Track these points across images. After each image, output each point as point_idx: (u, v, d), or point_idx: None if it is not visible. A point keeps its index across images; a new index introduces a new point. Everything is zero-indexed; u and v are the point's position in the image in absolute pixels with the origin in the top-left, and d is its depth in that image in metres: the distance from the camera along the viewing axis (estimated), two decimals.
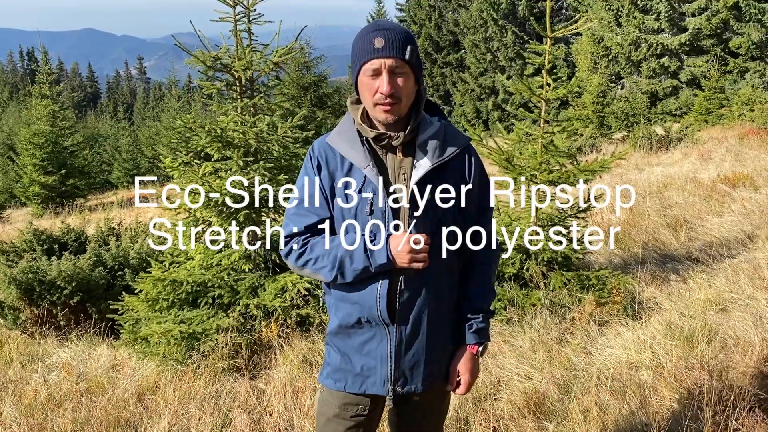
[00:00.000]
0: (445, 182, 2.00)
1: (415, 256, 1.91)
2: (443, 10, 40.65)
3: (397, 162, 2.00)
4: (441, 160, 1.98)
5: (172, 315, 4.66)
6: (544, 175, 4.67)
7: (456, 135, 2.06)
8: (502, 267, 4.78)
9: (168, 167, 4.85)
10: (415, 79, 1.95)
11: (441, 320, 2.08)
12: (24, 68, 79.32)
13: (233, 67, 4.57)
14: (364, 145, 1.99)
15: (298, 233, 2.06)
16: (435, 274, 2.02)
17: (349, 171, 2.00)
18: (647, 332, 4.07)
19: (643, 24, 27.30)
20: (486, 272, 2.14)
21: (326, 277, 2.01)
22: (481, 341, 2.12)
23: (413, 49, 1.91)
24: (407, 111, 1.98)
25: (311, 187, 2.06)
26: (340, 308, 2.08)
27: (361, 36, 1.94)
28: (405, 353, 2.03)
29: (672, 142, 14.44)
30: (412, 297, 2.00)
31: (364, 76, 1.92)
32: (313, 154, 2.07)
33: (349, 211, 2.00)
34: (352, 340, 2.08)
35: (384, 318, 1.99)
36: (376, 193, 1.95)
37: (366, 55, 1.90)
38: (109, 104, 67.85)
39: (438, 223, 1.99)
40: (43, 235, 6.25)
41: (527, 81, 4.70)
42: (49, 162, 19.76)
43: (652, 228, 6.76)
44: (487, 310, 2.13)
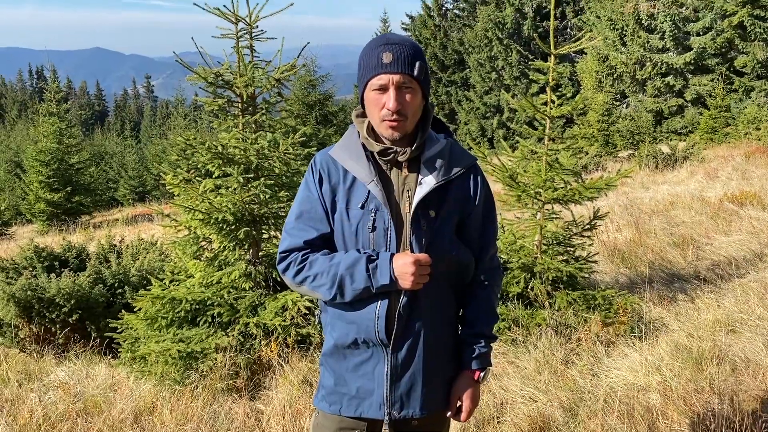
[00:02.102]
0: (450, 201, 1.94)
1: (419, 277, 1.84)
2: (448, 29, 40.88)
3: (401, 178, 1.93)
4: (446, 178, 1.92)
5: (170, 333, 4.59)
6: (549, 193, 4.61)
7: (462, 154, 2.00)
8: (507, 286, 4.70)
9: (169, 184, 4.81)
10: (422, 95, 1.90)
11: (440, 343, 2.00)
12: (33, 86, 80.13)
13: (235, 84, 4.54)
14: (369, 160, 1.92)
15: (297, 248, 1.98)
16: (436, 295, 1.96)
17: (351, 185, 1.94)
18: (655, 354, 3.97)
19: (647, 43, 27.36)
20: (488, 294, 2.07)
21: (325, 295, 1.94)
22: (483, 366, 2.05)
23: (422, 65, 1.86)
24: (414, 127, 1.92)
25: (312, 200, 1.99)
26: (336, 327, 2.01)
27: (370, 49, 1.88)
28: (401, 376, 1.96)
29: (678, 161, 14.37)
30: (412, 318, 1.93)
31: (371, 90, 1.86)
32: (314, 166, 2.00)
33: (351, 227, 1.93)
34: (348, 361, 2.00)
35: (382, 339, 1.91)
36: (380, 209, 1.89)
37: (373, 70, 1.85)
38: (116, 122, 68.34)
39: (441, 243, 1.93)
40: (43, 252, 6.21)
41: (531, 98, 4.65)
42: (55, 179, 19.85)
43: (658, 247, 6.67)
44: (489, 335, 2.05)
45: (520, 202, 4.78)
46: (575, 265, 4.70)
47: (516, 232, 4.91)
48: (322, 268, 1.92)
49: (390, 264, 1.85)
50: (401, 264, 1.84)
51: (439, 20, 41.19)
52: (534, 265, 4.66)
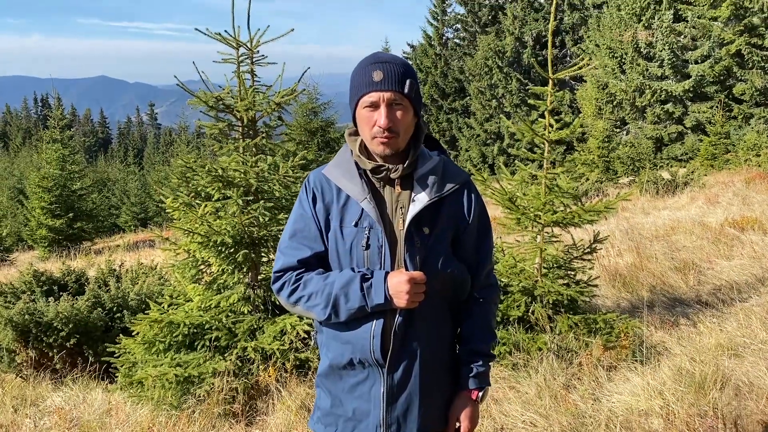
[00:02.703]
0: (444, 218, 1.93)
1: (414, 296, 1.82)
2: (449, 58, 41.32)
3: (394, 195, 1.93)
4: (439, 195, 1.91)
5: (168, 358, 4.55)
6: (548, 216, 4.60)
7: (455, 171, 2.00)
8: (507, 310, 4.67)
9: (169, 207, 4.82)
10: (414, 112, 1.90)
11: (437, 363, 1.97)
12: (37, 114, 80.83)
13: (235, 108, 4.58)
14: (362, 178, 1.92)
15: (291, 267, 1.97)
16: (432, 314, 1.93)
17: (345, 203, 1.93)
18: (657, 378, 3.93)
19: (646, 71, 27.58)
20: (485, 312, 2.05)
21: (319, 315, 1.92)
22: (482, 386, 2.01)
23: (412, 83, 1.87)
24: (406, 144, 1.93)
25: (305, 219, 1.98)
26: (332, 348, 1.98)
27: (360, 68, 1.90)
28: (398, 397, 1.93)
29: (678, 187, 14.38)
30: (408, 337, 1.90)
31: (362, 108, 1.87)
32: (308, 185, 2.00)
33: (345, 245, 1.92)
34: (344, 382, 1.98)
35: (378, 359, 1.89)
36: (373, 227, 1.88)
37: (364, 88, 1.86)
38: (119, 149, 68.78)
39: (435, 260, 1.91)
40: (42, 276, 6.19)
41: (529, 122, 4.68)
42: (58, 205, 19.88)
43: (659, 271, 6.64)
44: (487, 353, 2.03)
45: (519, 225, 4.77)
46: (576, 289, 4.68)
47: (516, 256, 4.89)
48: (317, 287, 1.91)
49: (385, 283, 1.84)
50: (396, 282, 1.82)
51: (439, 49, 41.64)
52: (534, 288, 4.64)
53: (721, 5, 24.30)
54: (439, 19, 41.84)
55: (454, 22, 42.02)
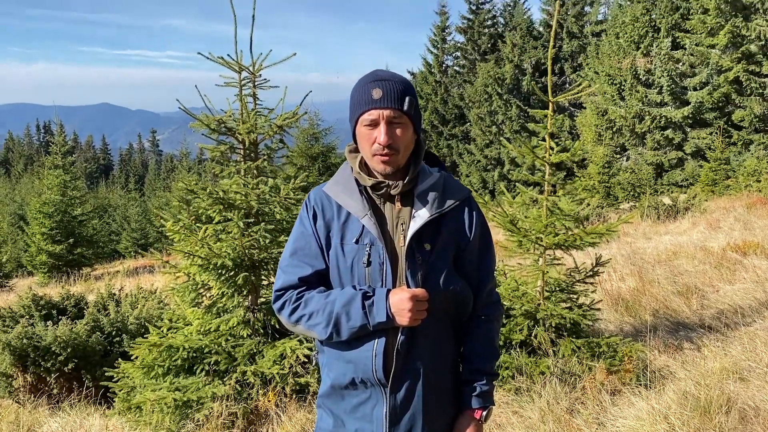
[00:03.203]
0: (445, 234, 1.92)
1: (416, 313, 1.80)
2: (449, 85, 41.68)
3: (395, 212, 1.92)
4: (440, 211, 1.90)
5: (167, 382, 4.50)
6: (550, 238, 4.59)
7: (456, 186, 2.00)
8: (510, 333, 4.63)
9: (169, 231, 4.81)
10: (413, 129, 1.90)
11: (441, 382, 1.94)
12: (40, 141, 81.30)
13: (237, 131, 4.59)
14: (362, 194, 1.92)
15: (292, 285, 1.95)
16: (435, 332, 1.91)
17: (346, 220, 1.92)
18: (662, 402, 3.87)
19: (645, 97, 27.80)
20: (488, 330, 2.02)
21: (321, 334, 1.89)
22: (485, 405, 1.98)
23: (411, 100, 1.87)
24: (406, 161, 1.92)
25: (306, 236, 1.97)
26: (334, 367, 1.95)
27: (360, 86, 1.90)
28: (401, 417, 1.90)
29: (679, 212, 14.37)
30: (411, 356, 1.88)
31: (362, 126, 1.87)
32: (308, 203, 2.00)
33: (346, 262, 1.90)
34: (345, 402, 1.94)
35: (380, 378, 1.86)
36: (374, 244, 1.87)
37: (364, 105, 1.86)
38: (120, 175, 69.04)
39: (437, 277, 1.89)
40: (41, 301, 6.16)
41: (530, 144, 4.69)
42: (58, 231, 19.85)
43: (662, 296, 6.60)
44: (489, 371, 1.99)
45: (521, 247, 4.75)
46: (578, 312, 4.64)
47: (518, 279, 4.86)
48: (318, 306, 1.88)
49: (386, 300, 1.81)
50: (398, 300, 1.80)
51: (439, 76, 42.03)
52: (537, 311, 4.60)
53: (719, 33, 24.56)
54: (439, 47, 42.29)
55: (454, 50, 42.48)
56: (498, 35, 40.55)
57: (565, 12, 35.93)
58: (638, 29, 28.02)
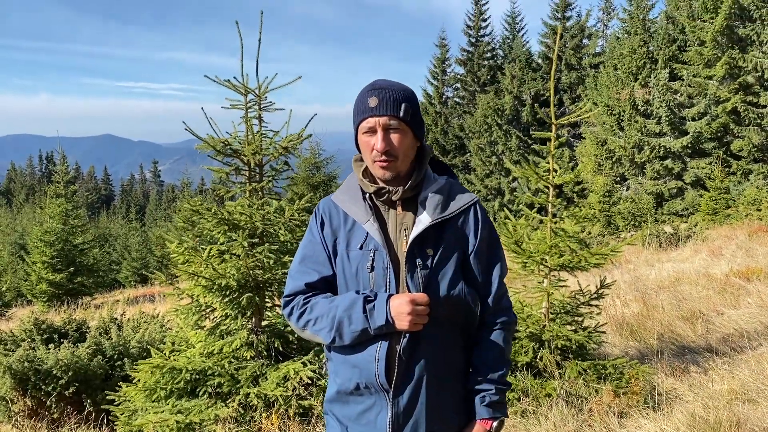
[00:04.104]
0: (449, 239, 1.92)
1: (416, 318, 1.80)
2: (449, 116, 42.04)
3: (399, 218, 1.94)
4: (443, 216, 1.92)
5: (169, 405, 4.46)
6: (555, 259, 4.58)
7: (462, 192, 2.01)
8: (515, 356, 4.60)
9: (173, 252, 4.81)
10: (414, 135, 1.93)
11: (447, 391, 1.92)
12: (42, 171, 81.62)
13: (242, 152, 4.63)
14: (365, 201, 1.95)
15: (300, 291, 1.98)
16: (439, 339, 1.90)
17: (352, 227, 1.96)
18: (671, 424, 3.83)
19: (644, 128, 28.00)
20: (496, 338, 1.99)
21: (325, 338, 1.91)
22: (496, 416, 1.94)
23: (408, 107, 1.89)
24: (408, 167, 1.95)
25: (314, 244, 2.01)
26: (340, 373, 1.96)
27: (360, 95, 1.95)
28: (404, 425, 1.88)
29: (681, 240, 14.37)
30: (413, 362, 1.87)
31: (362, 133, 1.93)
32: (317, 211, 2.04)
33: (351, 268, 1.92)
34: (351, 408, 1.94)
35: (382, 383, 1.85)
36: (378, 249, 1.89)
37: (362, 114, 1.91)
38: (122, 206, 69.15)
39: (440, 282, 1.89)
40: (43, 325, 6.12)
41: (533, 166, 4.72)
42: (59, 260, 19.82)
43: (667, 320, 6.56)
44: (499, 381, 1.96)
45: (526, 269, 4.74)
46: (584, 335, 4.62)
47: (523, 301, 4.85)
48: (322, 311, 1.91)
49: (387, 305, 1.82)
50: (397, 304, 1.81)
51: (440, 107, 42.42)
52: (542, 333, 4.58)
53: (716, 65, 24.85)
54: (439, 79, 42.77)
55: (454, 81, 42.95)
56: (497, 67, 41.04)
57: (564, 44, 36.41)
58: (636, 61, 28.36)
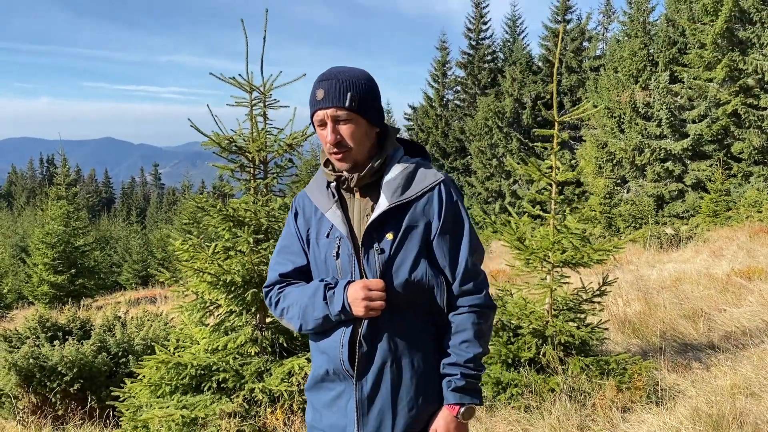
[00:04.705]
0: (410, 223, 1.89)
1: (369, 303, 1.80)
2: (449, 118, 42.10)
3: (362, 204, 1.94)
4: (402, 199, 1.88)
5: (174, 400, 4.48)
6: (557, 255, 4.61)
7: (427, 174, 1.94)
8: (518, 351, 4.62)
9: (178, 249, 4.83)
10: (368, 122, 1.90)
11: (413, 377, 1.90)
12: (43, 174, 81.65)
13: (247, 149, 4.66)
14: (328, 189, 1.98)
15: (276, 282, 2.03)
16: (401, 325, 1.89)
17: (321, 217, 1.99)
18: (673, 418, 3.85)
19: (645, 130, 28.03)
20: (464, 321, 1.91)
21: (295, 325, 1.95)
22: (463, 402, 1.89)
23: (354, 95, 1.85)
24: (367, 154, 1.93)
25: (290, 235, 2.06)
26: (314, 360, 2.00)
27: (313, 86, 1.93)
28: (369, 411, 1.89)
29: (682, 241, 14.39)
30: (375, 348, 1.88)
31: (317, 126, 1.93)
32: (293, 204, 2.10)
33: (321, 256, 1.96)
34: (323, 395, 1.98)
35: (347, 369, 1.88)
36: (343, 237, 1.91)
37: (312, 107, 1.91)
38: (122, 209, 69.12)
39: (399, 267, 1.87)
40: (48, 323, 6.15)
41: (536, 163, 4.75)
42: (60, 261, 19.86)
43: (669, 319, 6.58)
44: (465, 365, 1.89)
45: (529, 266, 4.77)
46: (586, 330, 4.64)
47: (526, 297, 4.87)
48: (293, 299, 1.96)
49: (344, 291, 1.85)
50: (352, 291, 1.83)
51: (440, 110, 42.48)
52: (545, 329, 4.60)
53: (716, 67, 24.91)
54: (440, 82, 42.84)
55: (454, 84, 43.03)
56: (498, 70, 41.12)
57: (564, 47, 36.48)
58: (636, 63, 28.43)
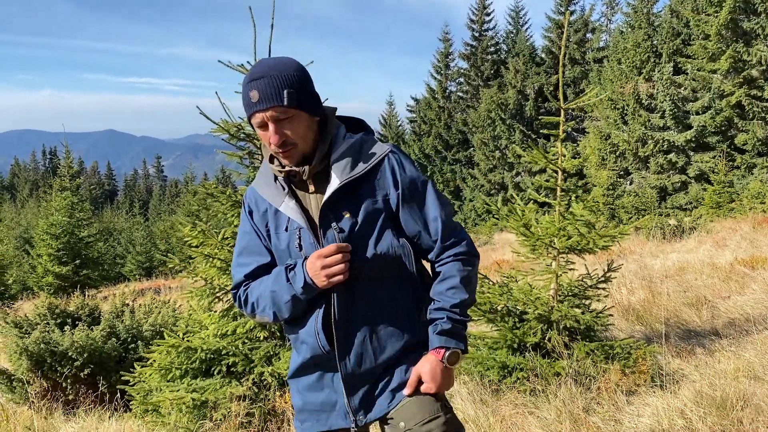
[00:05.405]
0: (367, 198, 1.89)
1: (328, 270, 1.80)
2: (452, 110, 42.08)
3: (317, 196, 1.93)
4: (352, 175, 1.86)
5: (184, 384, 4.54)
6: (563, 241, 4.65)
7: (373, 147, 1.93)
8: (524, 336, 4.67)
9: (187, 236, 4.88)
10: (308, 114, 1.86)
11: (395, 344, 1.94)
12: (45, 166, 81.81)
13: (255, 136, 4.69)
14: (277, 182, 1.95)
15: (240, 283, 2.03)
16: (374, 297, 1.91)
17: (276, 211, 1.96)
18: (677, 401, 3.90)
19: (648, 122, 28.04)
20: (449, 269, 1.94)
21: (270, 316, 1.95)
22: (447, 345, 1.89)
23: (291, 92, 1.79)
24: (312, 143, 1.90)
25: (248, 234, 2.03)
26: (294, 350, 2.04)
27: (243, 87, 1.86)
28: (356, 384, 1.94)
29: (685, 232, 14.43)
30: (349, 329, 1.90)
31: (255, 128, 1.88)
32: (245, 201, 2.05)
33: (285, 250, 1.95)
34: (305, 379, 2.01)
35: (328, 352, 1.90)
36: (302, 228, 1.90)
37: (248, 109, 1.84)
38: (125, 201, 69.31)
39: (361, 243, 1.87)
40: (57, 309, 6.22)
41: (542, 149, 4.78)
42: (65, 252, 19.97)
43: (672, 306, 6.63)
44: (451, 310, 1.90)
45: (534, 252, 4.81)
46: (591, 315, 4.69)
47: (532, 283, 4.92)
48: (259, 291, 1.96)
49: (303, 267, 1.85)
50: (309, 263, 1.84)
51: (443, 102, 42.46)
52: (551, 313, 4.65)
53: (720, 58, 24.88)
54: (443, 73, 42.81)
55: (457, 75, 42.99)
56: (501, 61, 41.07)
57: (567, 39, 36.39)
58: (640, 55, 28.40)
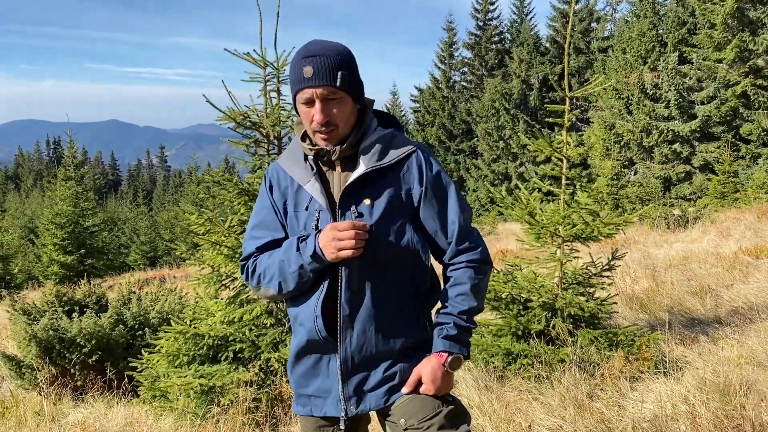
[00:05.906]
0: (390, 190, 1.91)
1: (339, 242, 1.81)
2: (456, 100, 41.96)
3: (342, 177, 1.95)
4: (380, 164, 1.90)
5: (192, 370, 4.59)
6: (567, 229, 4.67)
7: (403, 142, 1.97)
8: (528, 324, 4.70)
9: (193, 224, 4.92)
10: (353, 100, 1.90)
11: (394, 336, 1.94)
12: (49, 156, 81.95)
13: (261, 124, 4.72)
14: (306, 162, 1.97)
15: (251, 255, 2.03)
16: (382, 287, 1.92)
17: (298, 189, 1.97)
18: (681, 387, 3.94)
19: (653, 111, 27.94)
20: (461, 275, 1.96)
21: (275, 288, 1.94)
22: (450, 351, 1.90)
23: (344, 74, 1.84)
24: (349, 130, 1.92)
25: (265, 208, 2.04)
26: (295, 333, 2.03)
27: (294, 62, 1.89)
28: (352, 372, 1.94)
29: (689, 222, 14.42)
30: (353, 311, 1.90)
31: (300, 104, 1.89)
32: (266, 176, 2.07)
33: (299, 228, 1.96)
34: (306, 362, 2.01)
35: (324, 337, 1.90)
36: (322, 210, 1.91)
37: (298, 84, 1.86)
38: (129, 191, 69.45)
39: (378, 231, 1.88)
40: (65, 297, 6.27)
41: (547, 137, 4.80)
42: (69, 242, 20.03)
43: (676, 295, 6.66)
44: (458, 315, 1.92)
45: (539, 240, 4.84)
46: (596, 303, 4.72)
47: (536, 271, 4.95)
48: (268, 262, 1.96)
49: (315, 238, 1.86)
50: (323, 234, 1.85)
51: (447, 92, 42.34)
52: (555, 301, 4.68)
53: (726, 48, 24.76)
54: (447, 63, 42.68)
55: (461, 65, 42.85)
56: (505, 51, 40.90)
57: (572, 28, 36.21)
58: (645, 44, 28.26)
